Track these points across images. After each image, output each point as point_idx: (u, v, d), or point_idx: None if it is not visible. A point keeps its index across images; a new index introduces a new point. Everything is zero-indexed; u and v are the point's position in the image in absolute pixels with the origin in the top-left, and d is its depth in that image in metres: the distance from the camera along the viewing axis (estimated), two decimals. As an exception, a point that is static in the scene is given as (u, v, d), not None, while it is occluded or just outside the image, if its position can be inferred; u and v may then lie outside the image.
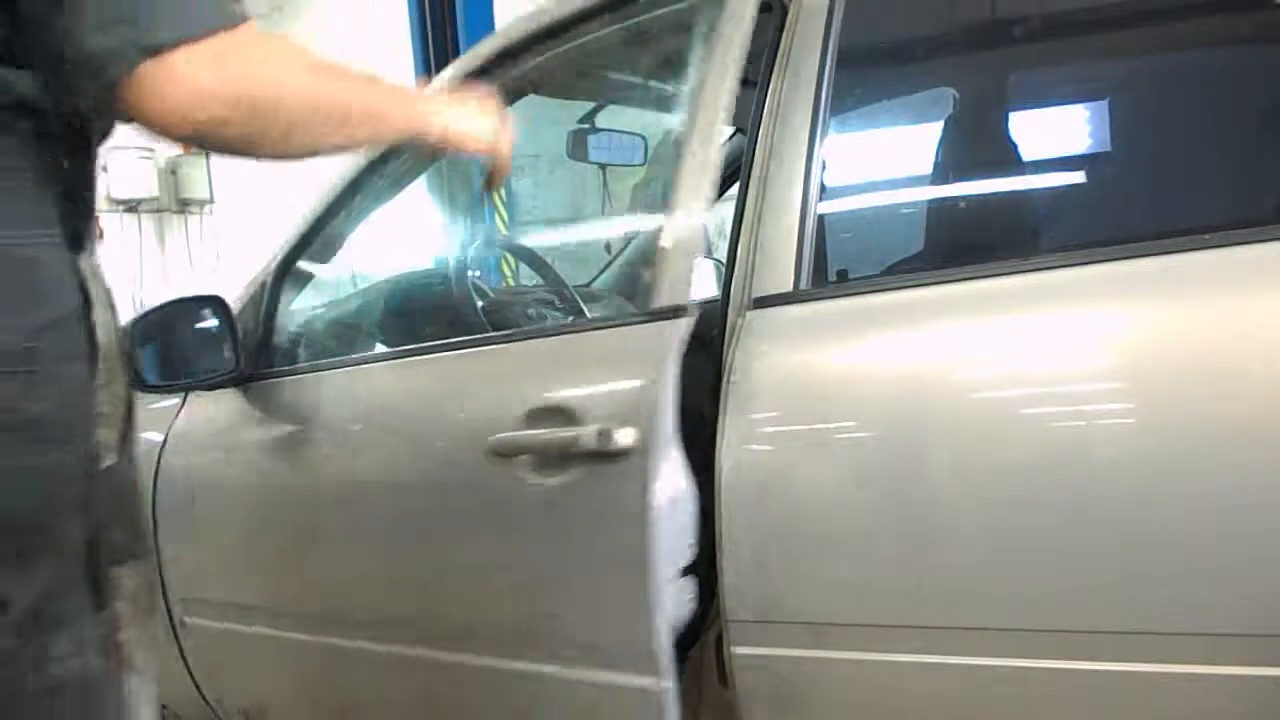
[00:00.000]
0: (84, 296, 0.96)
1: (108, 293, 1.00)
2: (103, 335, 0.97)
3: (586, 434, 1.30)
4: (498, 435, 1.40)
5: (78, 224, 0.97)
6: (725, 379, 1.30)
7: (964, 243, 1.61)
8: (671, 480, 1.29)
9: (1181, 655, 1.08)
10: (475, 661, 1.51)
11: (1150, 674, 1.09)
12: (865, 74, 1.68)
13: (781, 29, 1.42)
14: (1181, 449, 1.08)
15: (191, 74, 0.89)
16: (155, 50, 0.88)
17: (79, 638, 0.95)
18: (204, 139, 0.94)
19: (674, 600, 1.31)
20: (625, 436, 1.28)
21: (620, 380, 1.35)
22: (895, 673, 1.21)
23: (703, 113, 1.38)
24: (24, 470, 0.90)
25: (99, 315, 0.97)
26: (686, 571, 1.33)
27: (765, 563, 1.26)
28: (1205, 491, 1.06)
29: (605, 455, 1.30)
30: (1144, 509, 1.09)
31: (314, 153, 1.02)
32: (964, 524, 1.17)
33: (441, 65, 3.43)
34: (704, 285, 2.25)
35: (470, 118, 1.23)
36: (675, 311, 1.32)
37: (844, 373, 1.28)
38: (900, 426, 1.22)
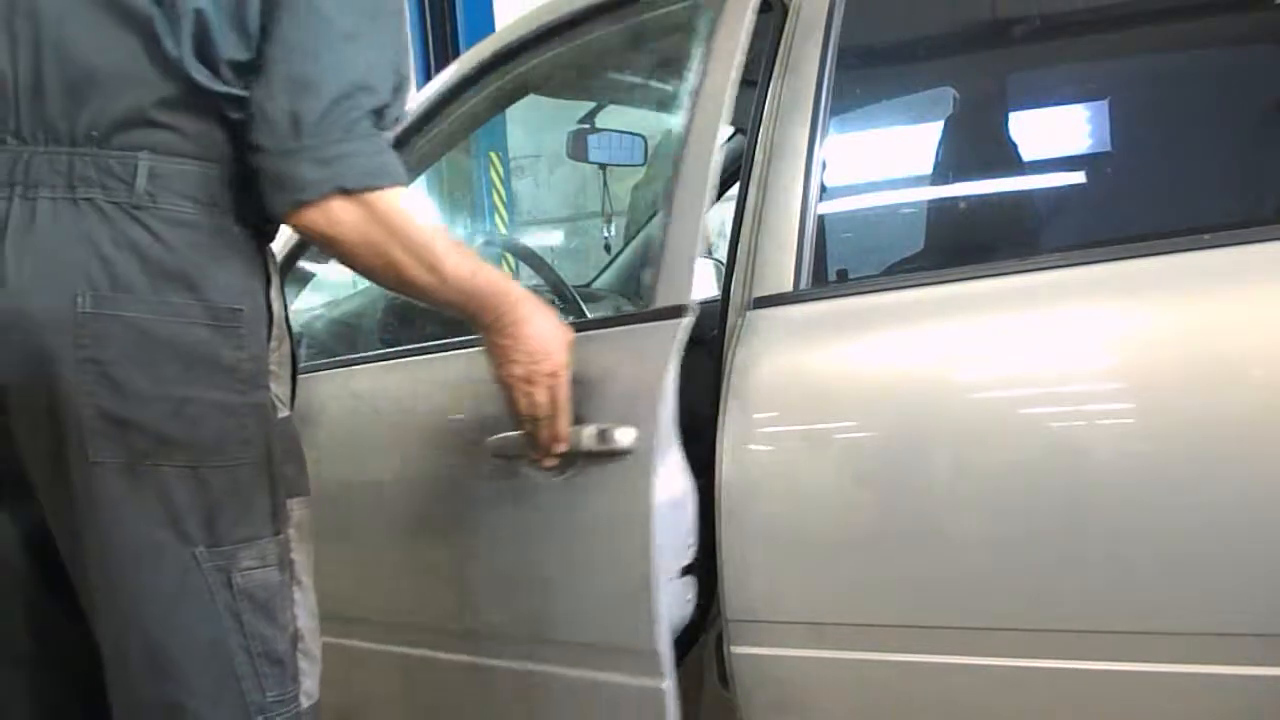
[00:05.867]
0: (266, 274, 1.16)
1: (279, 274, 1.21)
2: (275, 306, 1.17)
3: (586, 433, 1.29)
4: (499, 435, 1.38)
5: (266, 216, 1.13)
6: (725, 379, 1.30)
7: (964, 243, 1.61)
8: (672, 480, 1.28)
9: (1181, 655, 1.08)
10: (479, 662, 1.50)
11: (1150, 674, 1.09)
12: (865, 74, 1.68)
13: (781, 29, 1.42)
14: (1181, 449, 1.08)
15: (360, 219, 1.08)
16: (347, 192, 1.07)
17: (261, 553, 1.13)
18: (326, 246, 1.12)
19: (675, 600, 1.31)
20: (625, 436, 1.27)
21: (621, 380, 1.33)
22: (895, 673, 1.21)
23: (703, 111, 1.37)
24: (230, 405, 1.09)
25: (274, 290, 1.17)
26: (686, 571, 1.32)
27: (765, 563, 1.26)
28: (1205, 491, 1.06)
29: (605, 455, 1.29)
30: (1143, 509, 1.09)
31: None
32: (964, 524, 1.17)
33: (441, 65, 3.43)
34: (704, 285, 2.25)
35: (543, 318, 1.25)
36: (676, 311, 1.30)
37: (844, 373, 1.28)
38: (900, 426, 1.22)
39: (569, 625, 1.38)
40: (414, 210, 1.13)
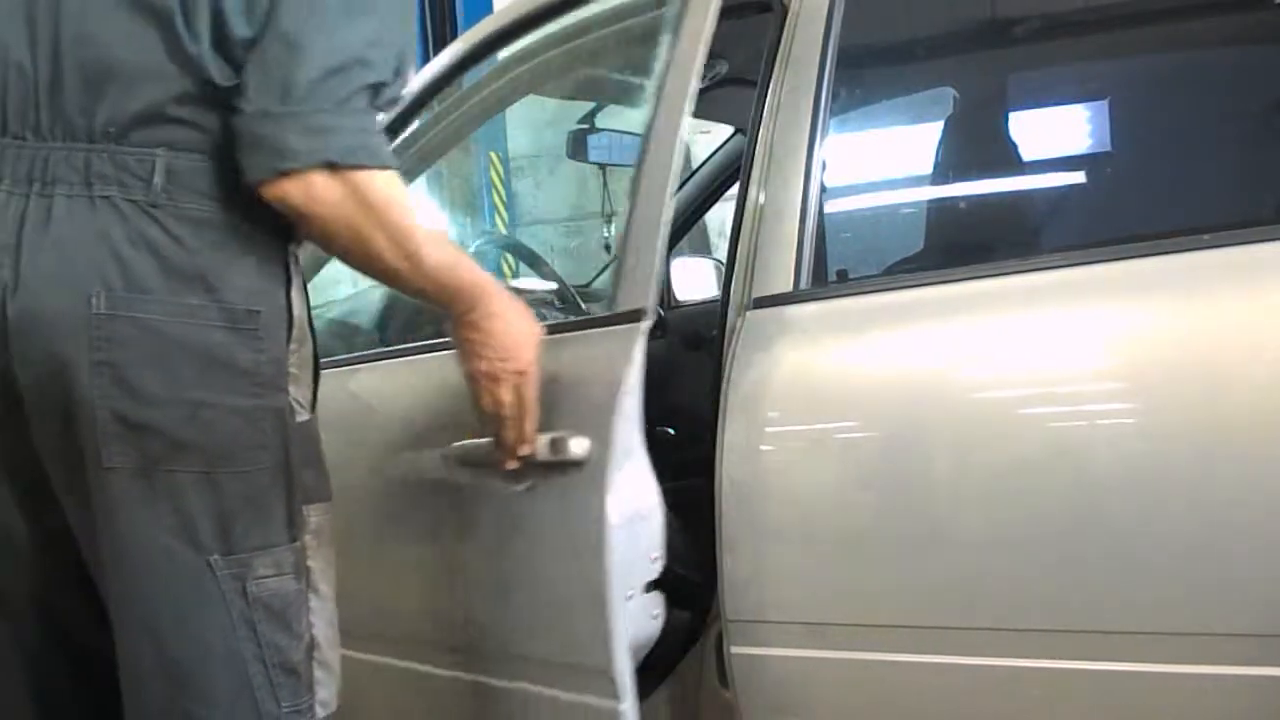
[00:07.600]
0: (286, 274, 1.13)
1: (301, 274, 1.17)
2: (296, 308, 1.14)
3: (540, 442, 1.23)
4: (459, 443, 1.33)
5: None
6: (725, 379, 1.30)
7: (964, 243, 1.61)
8: (631, 493, 1.23)
9: (1181, 655, 1.08)
10: (437, 673, 1.47)
11: (1150, 674, 1.09)
12: (865, 74, 1.68)
13: (781, 29, 1.42)
14: (1181, 449, 1.08)
15: (342, 197, 1.04)
16: (333, 166, 1.03)
17: (277, 561, 1.10)
18: (301, 222, 1.08)
19: (636, 618, 1.24)
20: (579, 446, 1.21)
21: (578, 387, 1.27)
22: (894, 673, 1.21)
23: (663, 111, 1.32)
24: (246, 409, 1.07)
25: (295, 291, 1.14)
26: (654, 586, 1.27)
27: (765, 563, 1.26)
28: (1205, 491, 1.06)
29: (561, 465, 1.23)
30: (1143, 509, 1.09)
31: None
32: (963, 524, 1.17)
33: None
34: (704, 285, 2.26)
35: (517, 315, 1.21)
36: (634, 315, 1.25)
37: (844, 373, 1.28)
38: (900, 426, 1.22)
39: (527, 641, 1.34)
40: (399, 194, 1.09)
